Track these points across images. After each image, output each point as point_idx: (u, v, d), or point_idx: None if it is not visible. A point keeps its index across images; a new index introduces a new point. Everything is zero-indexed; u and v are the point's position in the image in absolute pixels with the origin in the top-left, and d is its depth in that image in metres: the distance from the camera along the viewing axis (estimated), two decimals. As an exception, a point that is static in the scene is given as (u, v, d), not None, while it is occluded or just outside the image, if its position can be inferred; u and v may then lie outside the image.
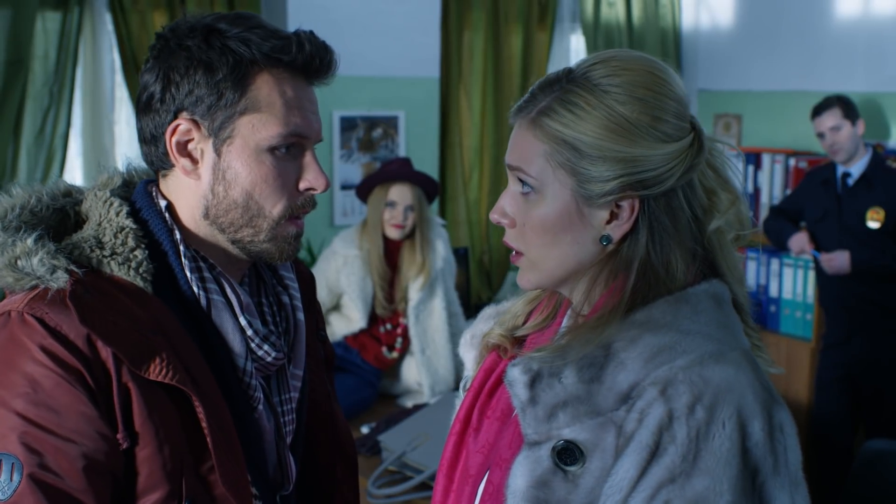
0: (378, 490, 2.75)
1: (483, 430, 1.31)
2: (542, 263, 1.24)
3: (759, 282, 4.69)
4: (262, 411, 1.36)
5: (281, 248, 1.34)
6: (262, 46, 1.28)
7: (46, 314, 1.19)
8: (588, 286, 1.25)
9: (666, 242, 1.20)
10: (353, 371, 3.66)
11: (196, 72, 1.27)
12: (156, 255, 1.30)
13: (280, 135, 1.29)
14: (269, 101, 1.29)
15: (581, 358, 1.17)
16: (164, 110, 1.30)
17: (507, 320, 1.38)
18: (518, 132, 1.24)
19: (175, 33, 1.30)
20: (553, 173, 1.20)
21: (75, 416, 1.18)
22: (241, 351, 1.33)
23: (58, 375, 1.17)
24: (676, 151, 1.19)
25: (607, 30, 5.38)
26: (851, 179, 4.17)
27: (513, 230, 1.25)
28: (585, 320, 1.23)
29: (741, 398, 1.12)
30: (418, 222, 3.65)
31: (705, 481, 1.08)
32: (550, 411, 1.16)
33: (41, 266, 1.21)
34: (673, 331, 1.16)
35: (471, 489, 1.29)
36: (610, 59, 1.22)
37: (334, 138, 4.61)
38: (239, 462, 1.27)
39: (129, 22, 4.09)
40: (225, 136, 1.29)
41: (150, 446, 1.21)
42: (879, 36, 4.66)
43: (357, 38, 4.52)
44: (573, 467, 1.14)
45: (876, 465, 3.12)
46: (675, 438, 1.10)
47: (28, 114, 3.96)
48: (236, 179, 1.30)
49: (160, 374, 1.20)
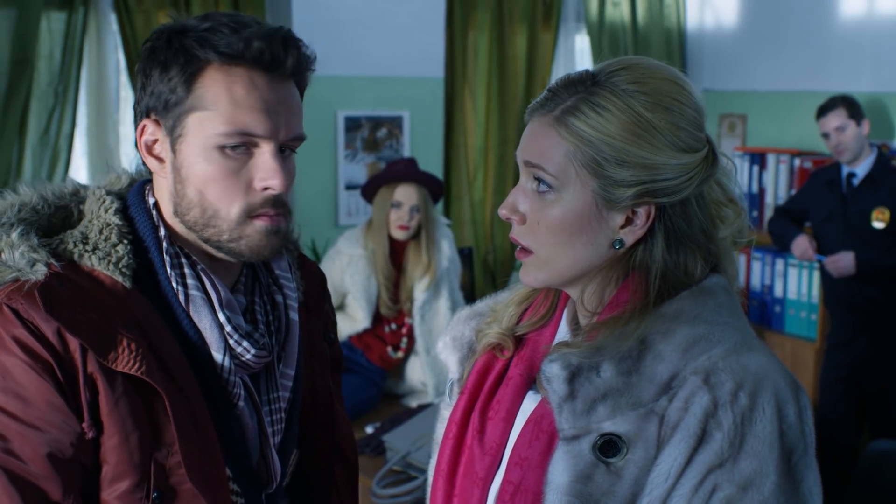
0: (382, 490, 2.75)
1: (488, 432, 1.31)
2: (553, 262, 1.24)
3: (764, 282, 4.69)
4: (243, 408, 1.35)
5: (251, 247, 1.32)
6: (217, 44, 1.27)
7: (21, 305, 1.22)
8: (599, 286, 1.26)
9: (684, 248, 1.24)
10: (357, 371, 3.66)
11: (154, 71, 1.29)
12: (139, 251, 1.32)
13: (225, 133, 1.28)
14: (215, 98, 1.27)
15: (617, 351, 1.19)
16: (138, 112, 1.34)
17: (502, 320, 1.37)
18: (537, 129, 1.24)
19: (153, 36, 1.32)
20: (576, 174, 1.20)
21: (42, 404, 1.21)
22: (218, 347, 1.33)
23: (27, 365, 1.21)
24: (694, 162, 1.21)
25: (612, 30, 5.38)
26: (856, 180, 4.16)
27: (522, 227, 1.25)
28: (606, 317, 1.24)
29: (776, 384, 1.16)
30: (424, 222, 3.65)
31: (753, 464, 1.12)
32: (590, 405, 1.18)
33: (21, 259, 1.24)
34: (704, 322, 1.20)
35: (480, 492, 1.28)
36: (634, 65, 1.23)
37: (339, 138, 4.61)
38: (213, 457, 1.28)
39: (133, 22, 4.09)
40: (178, 135, 1.30)
41: (117, 436, 1.23)
42: (885, 36, 4.65)
43: (361, 38, 4.53)
44: (615, 459, 1.16)
45: (881, 466, 3.11)
46: (721, 425, 1.13)
47: (33, 114, 3.97)
48: (189, 178, 1.30)
49: (126, 365, 1.22)
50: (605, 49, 5.27)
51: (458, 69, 5.02)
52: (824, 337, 4.40)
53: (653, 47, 5.42)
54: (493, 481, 1.28)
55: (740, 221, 1.28)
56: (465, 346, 1.42)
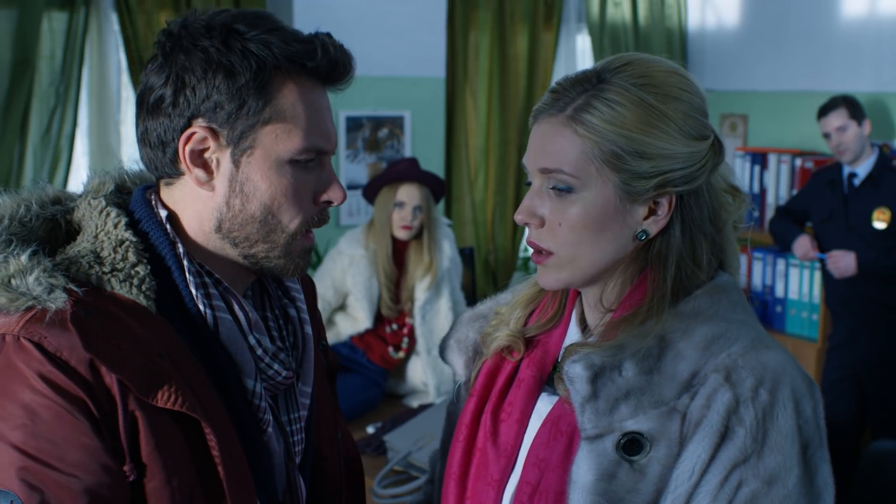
0: (384, 490, 2.75)
1: (502, 434, 1.31)
2: (577, 262, 1.24)
3: (766, 282, 4.69)
4: (271, 433, 1.28)
5: (295, 263, 1.29)
6: (284, 50, 1.19)
7: (45, 338, 1.09)
8: (618, 282, 1.27)
9: (697, 236, 1.25)
10: (358, 371, 3.66)
11: (215, 76, 1.17)
12: (158, 271, 1.21)
13: (304, 148, 1.22)
14: (294, 110, 1.21)
15: (638, 350, 1.19)
16: (177, 115, 1.20)
17: (510, 321, 1.37)
18: (549, 130, 1.23)
19: (188, 31, 1.20)
20: (597, 171, 1.20)
21: (78, 448, 1.09)
22: (250, 371, 1.25)
23: (58, 406, 1.08)
24: (705, 149, 1.23)
25: (613, 30, 5.38)
26: (857, 180, 4.16)
27: (541, 230, 1.24)
28: (621, 315, 1.24)
29: (793, 379, 1.18)
30: (426, 222, 3.65)
31: (777, 458, 1.15)
32: (612, 405, 1.18)
33: (38, 285, 1.12)
34: (721, 320, 1.21)
35: (495, 494, 1.28)
36: (635, 60, 1.24)
37: (340, 138, 4.61)
38: (248, 489, 1.20)
39: (135, 22, 4.09)
40: (245, 147, 1.21)
41: (159, 478, 1.12)
42: (886, 36, 4.65)
43: (363, 38, 4.52)
44: (638, 457, 1.17)
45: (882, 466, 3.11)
46: (744, 421, 1.15)
47: (34, 114, 3.97)
48: (255, 192, 1.22)
49: (169, 401, 1.12)
50: (607, 49, 5.27)
51: (460, 69, 5.02)
52: (825, 337, 4.40)
53: (654, 47, 5.42)
54: (508, 482, 1.28)
55: (743, 208, 1.30)
56: (471, 348, 1.42)
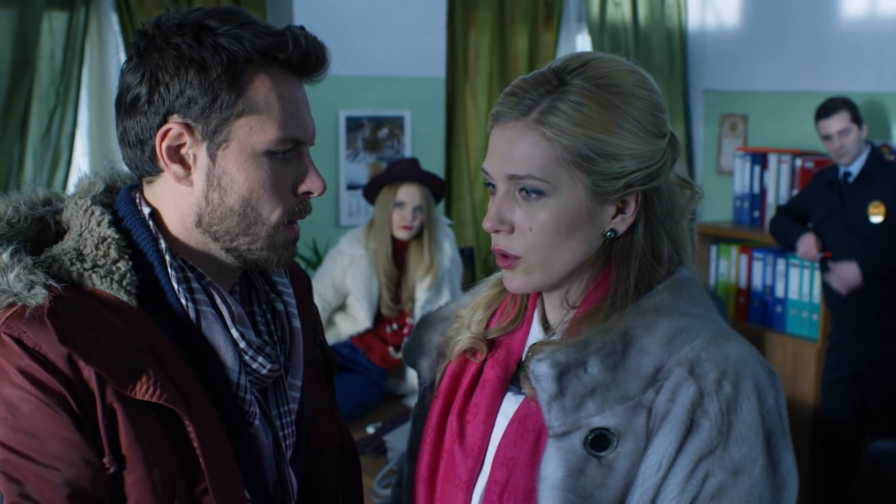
0: (384, 490, 2.75)
1: (468, 435, 1.31)
2: (547, 264, 1.23)
3: (766, 282, 4.68)
4: (258, 426, 1.29)
5: (279, 255, 1.29)
6: (255, 44, 1.20)
7: (24, 333, 1.12)
8: (583, 279, 1.27)
9: (658, 232, 1.26)
10: (358, 371, 3.66)
11: (188, 72, 1.19)
12: (140, 267, 1.22)
13: (279, 139, 1.23)
14: (267, 102, 1.22)
15: (602, 347, 1.20)
16: (153, 112, 1.21)
17: (472, 324, 1.37)
18: (513, 135, 1.21)
19: (160, 30, 1.21)
20: (568, 174, 1.20)
21: (57, 441, 1.11)
22: (234, 364, 1.26)
23: (38, 399, 1.10)
24: (665, 146, 1.24)
25: (613, 30, 5.38)
26: (851, 178, 4.17)
27: (511, 236, 1.24)
28: (585, 311, 1.25)
29: (755, 371, 1.19)
30: (426, 222, 3.65)
31: (742, 449, 1.15)
32: (578, 401, 1.19)
33: (18, 282, 1.14)
34: (683, 314, 1.22)
35: (464, 495, 1.29)
36: (592, 60, 1.23)
37: (340, 138, 4.61)
38: (235, 481, 1.21)
39: (135, 22, 4.10)
40: (220, 140, 1.22)
41: (139, 470, 1.14)
42: (886, 36, 4.65)
43: (363, 38, 4.53)
44: (605, 452, 1.17)
45: (882, 466, 3.11)
46: (708, 413, 1.15)
47: (34, 114, 3.97)
48: (232, 185, 1.23)
49: (147, 393, 1.13)
50: (607, 49, 5.26)
51: (460, 69, 5.02)
52: (826, 337, 4.40)
53: (654, 47, 5.42)
54: (477, 483, 1.29)
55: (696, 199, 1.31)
56: (434, 351, 1.43)
